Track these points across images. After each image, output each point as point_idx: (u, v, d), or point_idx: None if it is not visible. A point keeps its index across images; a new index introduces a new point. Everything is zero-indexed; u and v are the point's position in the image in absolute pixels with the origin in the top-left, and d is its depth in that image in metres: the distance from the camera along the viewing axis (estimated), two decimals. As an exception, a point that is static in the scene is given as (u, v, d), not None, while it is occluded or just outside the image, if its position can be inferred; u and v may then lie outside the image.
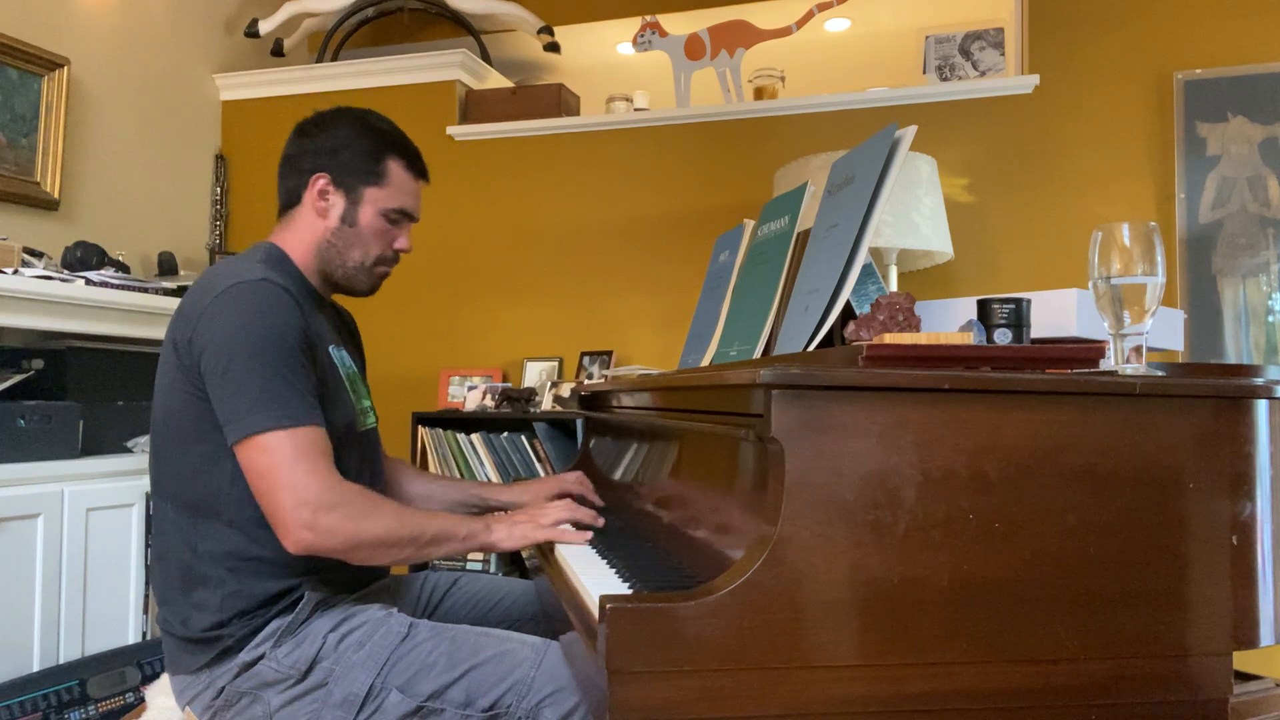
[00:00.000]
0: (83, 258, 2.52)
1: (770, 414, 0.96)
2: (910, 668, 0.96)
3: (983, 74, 3.41)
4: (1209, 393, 1.03)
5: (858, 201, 1.32)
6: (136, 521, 2.39)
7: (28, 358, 2.43)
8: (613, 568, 1.29)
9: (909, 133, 1.29)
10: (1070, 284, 2.65)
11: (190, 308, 1.40)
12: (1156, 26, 2.71)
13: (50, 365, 2.43)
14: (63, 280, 2.31)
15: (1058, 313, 1.35)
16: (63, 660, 2.17)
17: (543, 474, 2.74)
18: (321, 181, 1.54)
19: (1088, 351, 1.07)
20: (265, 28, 3.49)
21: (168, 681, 1.48)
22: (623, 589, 1.16)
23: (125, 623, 2.36)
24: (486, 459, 2.81)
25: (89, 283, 2.38)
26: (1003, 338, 1.18)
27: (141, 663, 2.28)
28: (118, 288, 2.44)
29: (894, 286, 2.45)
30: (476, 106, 3.31)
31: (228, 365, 1.33)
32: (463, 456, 2.84)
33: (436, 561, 2.65)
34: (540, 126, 3.19)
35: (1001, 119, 2.80)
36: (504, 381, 3.11)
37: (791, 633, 0.94)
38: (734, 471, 1.16)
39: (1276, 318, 2.58)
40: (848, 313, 1.40)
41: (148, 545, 2.39)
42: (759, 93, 3.17)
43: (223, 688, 1.37)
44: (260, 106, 3.48)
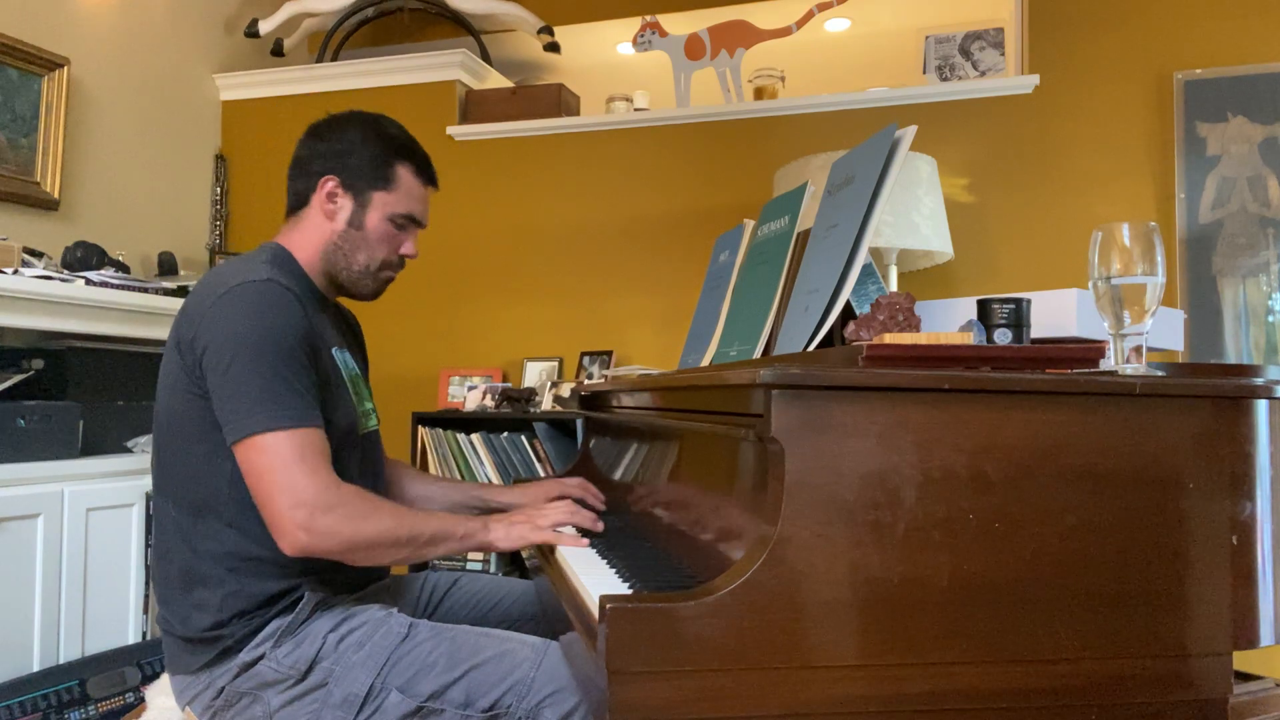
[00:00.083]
0: (83, 258, 2.52)
1: (770, 414, 0.96)
2: (910, 668, 0.96)
3: (983, 74, 3.41)
4: (1209, 393, 1.03)
5: (858, 201, 1.32)
6: (136, 521, 2.39)
7: (28, 358, 2.43)
8: (613, 568, 1.29)
9: (909, 133, 1.29)
10: (1070, 284, 2.65)
11: (194, 306, 1.40)
12: (1156, 26, 2.71)
13: (50, 365, 2.43)
14: (63, 280, 2.30)
15: (1058, 313, 1.35)
16: (63, 660, 2.17)
17: (543, 474, 2.74)
18: (330, 184, 1.54)
19: (1088, 351, 1.07)
20: (265, 28, 3.49)
21: (168, 681, 1.48)
22: (623, 589, 1.16)
23: (125, 623, 2.36)
24: (486, 459, 2.81)
25: (89, 283, 2.37)
26: (1003, 338, 1.18)
27: (141, 663, 2.28)
28: (118, 288, 2.44)
29: (894, 286, 2.45)
30: (476, 106, 3.31)
31: (230, 364, 1.33)
32: (463, 456, 2.84)
33: (436, 562, 2.65)
34: (540, 126, 3.19)
35: (1001, 119, 2.80)
36: (504, 381, 3.11)
37: (791, 633, 0.94)
38: (734, 471, 1.16)
39: (1276, 318, 2.58)
40: (848, 313, 1.40)
41: (148, 545, 2.39)
42: (759, 93, 3.17)
43: (223, 688, 1.37)
44: (260, 106, 3.48)
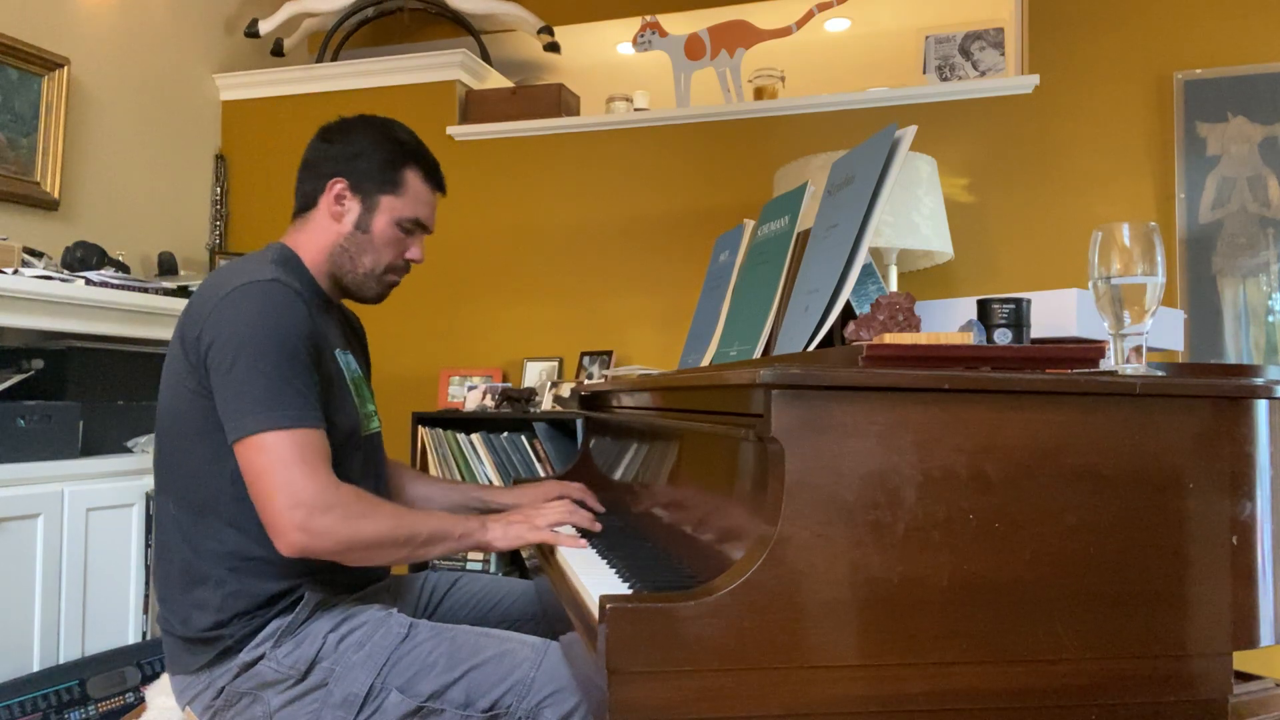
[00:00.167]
0: (83, 258, 2.52)
1: (770, 414, 0.96)
2: (910, 668, 0.96)
3: (983, 74, 3.41)
4: (1209, 393, 1.03)
5: (858, 201, 1.32)
6: (136, 521, 2.39)
7: (28, 358, 2.43)
8: (613, 568, 1.29)
9: (909, 133, 1.29)
10: (1070, 284, 2.65)
11: (200, 305, 1.41)
12: (1156, 26, 2.71)
13: (50, 365, 2.42)
14: (63, 280, 2.30)
15: (1058, 313, 1.35)
16: (63, 660, 2.17)
17: (543, 474, 2.74)
18: (339, 186, 1.54)
19: (1088, 351, 1.07)
20: (265, 28, 3.49)
21: (168, 681, 1.48)
22: (623, 589, 1.16)
23: (125, 623, 2.36)
24: (486, 459, 2.81)
25: (89, 283, 2.37)
26: (1003, 338, 1.18)
27: (141, 663, 2.28)
28: (118, 288, 2.44)
29: (894, 286, 2.45)
30: (476, 106, 3.31)
31: (233, 363, 1.33)
32: (463, 457, 2.84)
33: (436, 562, 2.65)
34: (540, 126, 3.19)
35: (1001, 119, 2.80)
36: (504, 381, 3.11)
37: (792, 633, 0.94)
38: (734, 471, 1.16)
39: (1276, 318, 2.58)
40: (848, 313, 1.40)
41: (148, 545, 2.39)
42: (759, 93, 3.17)
43: (223, 688, 1.37)
44: (260, 106, 3.48)
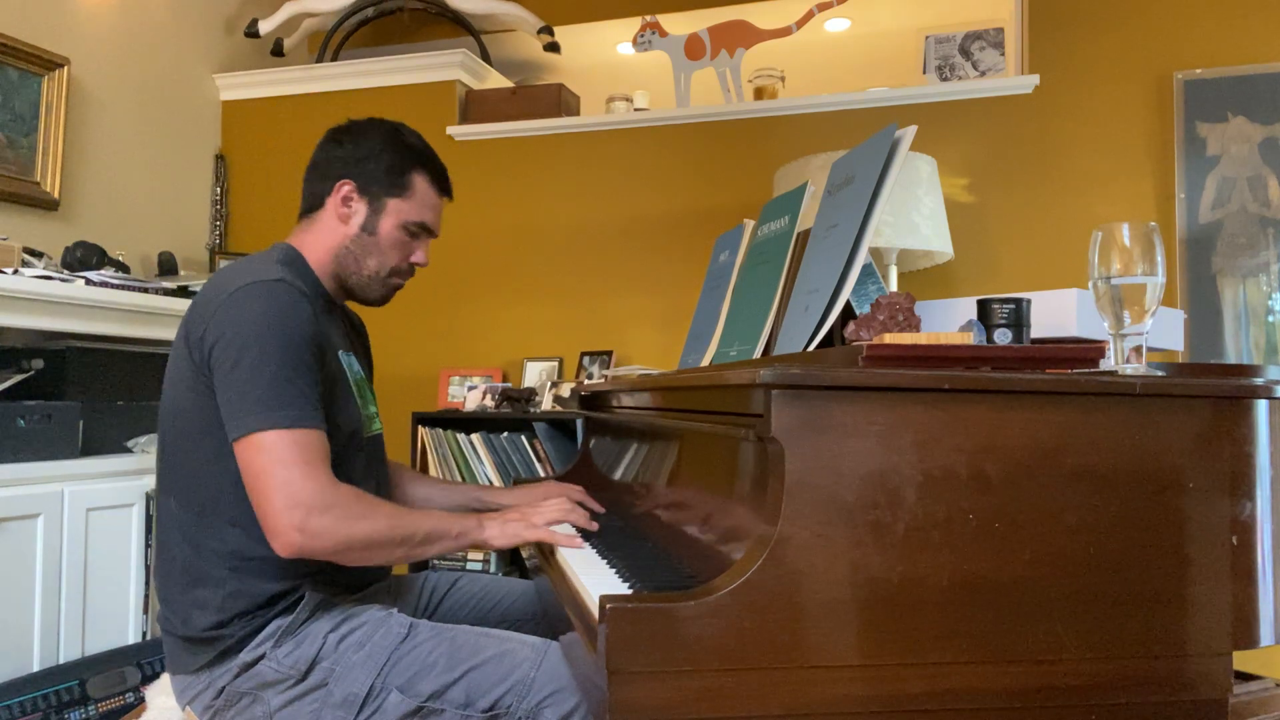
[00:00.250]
0: (83, 258, 2.52)
1: (770, 414, 0.96)
2: (910, 668, 0.96)
3: (983, 74, 3.41)
4: (1209, 393, 1.03)
5: (858, 201, 1.32)
6: (136, 521, 2.39)
7: (28, 358, 2.43)
8: (613, 568, 1.29)
9: (909, 133, 1.29)
10: (1070, 284, 2.65)
11: (205, 303, 1.41)
12: (1156, 26, 2.71)
13: (50, 365, 2.42)
14: (63, 280, 2.30)
15: (1058, 313, 1.35)
16: (63, 660, 2.16)
17: (543, 474, 2.74)
18: (346, 188, 1.55)
19: (1088, 351, 1.07)
20: (265, 28, 3.49)
21: (168, 681, 1.48)
22: (623, 589, 1.16)
23: (125, 623, 2.35)
24: (486, 459, 2.81)
25: (89, 283, 2.37)
26: (1003, 338, 1.18)
27: (141, 663, 2.28)
28: (118, 288, 2.44)
29: (894, 286, 2.45)
30: (476, 106, 3.31)
31: (236, 362, 1.33)
32: (463, 457, 2.84)
33: (436, 562, 2.65)
34: (540, 126, 3.19)
35: (1001, 119, 2.80)
36: (504, 381, 3.11)
37: (792, 633, 0.94)
38: (734, 471, 1.16)
39: (1276, 318, 2.58)
40: (848, 313, 1.40)
41: (148, 545, 2.39)
42: (759, 93, 3.17)
43: (223, 688, 1.37)
44: (260, 106, 3.48)
